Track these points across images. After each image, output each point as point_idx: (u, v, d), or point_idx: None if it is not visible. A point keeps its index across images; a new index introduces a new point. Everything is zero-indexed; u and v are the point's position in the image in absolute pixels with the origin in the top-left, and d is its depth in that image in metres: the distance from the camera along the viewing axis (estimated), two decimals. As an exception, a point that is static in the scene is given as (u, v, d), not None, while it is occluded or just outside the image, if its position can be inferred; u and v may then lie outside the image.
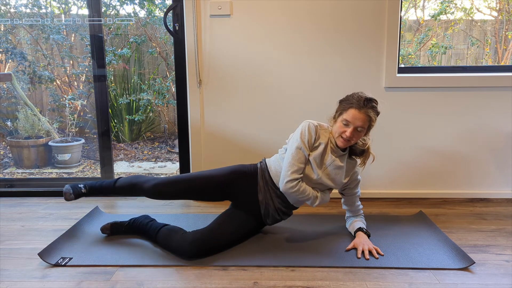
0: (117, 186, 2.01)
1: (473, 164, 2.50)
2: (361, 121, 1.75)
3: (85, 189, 2.01)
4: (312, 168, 1.81)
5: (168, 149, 4.19)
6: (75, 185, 2.01)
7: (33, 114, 3.63)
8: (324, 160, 1.82)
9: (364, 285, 1.55)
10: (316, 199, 1.82)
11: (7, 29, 3.73)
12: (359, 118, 1.74)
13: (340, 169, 1.84)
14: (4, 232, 2.05)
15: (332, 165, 1.82)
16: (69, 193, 1.98)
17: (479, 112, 2.44)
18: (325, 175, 1.82)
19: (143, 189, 1.95)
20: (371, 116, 1.76)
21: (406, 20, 3.93)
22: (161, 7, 4.07)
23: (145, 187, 1.94)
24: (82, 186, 2.01)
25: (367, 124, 1.78)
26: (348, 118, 1.75)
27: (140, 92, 4.13)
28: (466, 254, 1.75)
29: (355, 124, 1.75)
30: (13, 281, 1.58)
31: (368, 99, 1.76)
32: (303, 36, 2.38)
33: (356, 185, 1.94)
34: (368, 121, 1.77)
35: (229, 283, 1.57)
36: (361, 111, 1.74)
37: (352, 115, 1.74)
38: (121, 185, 2.01)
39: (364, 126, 1.77)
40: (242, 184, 1.90)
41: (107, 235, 1.97)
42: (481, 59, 3.90)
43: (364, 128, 1.78)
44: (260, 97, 2.45)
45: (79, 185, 2.02)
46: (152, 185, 1.93)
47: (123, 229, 1.98)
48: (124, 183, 2.01)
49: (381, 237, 1.95)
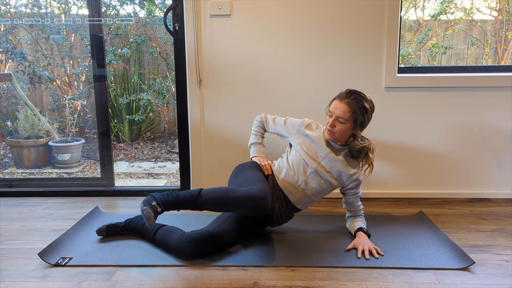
0: (203, 200, 1.72)
1: (473, 164, 2.50)
2: (341, 110, 1.81)
3: (159, 207, 1.70)
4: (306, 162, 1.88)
5: (168, 149, 4.19)
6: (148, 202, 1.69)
7: (33, 114, 3.63)
8: (319, 152, 1.89)
9: (364, 285, 1.55)
10: (252, 143, 2.09)
11: (7, 29, 3.73)
12: (339, 108, 1.82)
13: (336, 161, 1.88)
14: (4, 232, 2.05)
15: (327, 157, 1.88)
16: (152, 217, 1.65)
17: (479, 112, 2.44)
18: (320, 167, 1.88)
19: (247, 206, 1.68)
20: (352, 107, 1.80)
21: (406, 20, 3.93)
22: (161, 7, 4.07)
23: (250, 205, 1.67)
24: (155, 203, 1.69)
25: (347, 115, 1.81)
26: (330, 109, 1.86)
27: (140, 92, 4.13)
28: (466, 254, 1.75)
29: (335, 114, 1.82)
30: (13, 281, 1.58)
31: (352, 91, 1.84)
32: (303, 36, 2.38)
33: (357, 185, 1.94)
34: (349, 112, 1.80)
35: (229, 283, 1.57)
36: (341, 101, 1.83)
37: (333, 105, 1.85)
38: (207, 200, 1.73)
39: (344, 116, 1.81)
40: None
41: (102, 237, 1.95)
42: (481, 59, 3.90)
43: (345, 120, 1.81)
44: (260, 97, 2.45)
45: (152, 202, 1.69)
46: (260, 199, 1.66)
47: (119, 230, 1.96)
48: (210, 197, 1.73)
49: (381, 237, 1.95)
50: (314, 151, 1.90)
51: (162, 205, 1.70)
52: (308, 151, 1.90)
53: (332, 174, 1.88)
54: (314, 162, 1.88)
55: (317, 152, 1.89)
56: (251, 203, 1.66)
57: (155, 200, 1.70)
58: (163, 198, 1.71)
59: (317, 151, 1.89)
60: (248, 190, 1.69)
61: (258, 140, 2.10)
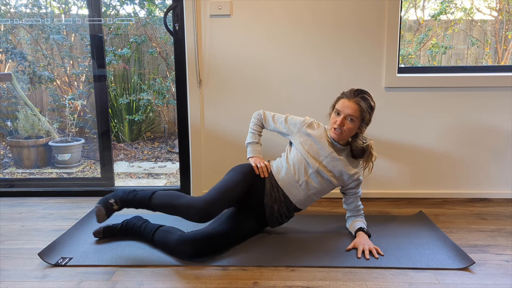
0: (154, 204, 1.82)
1: (473, 164, 2.50)
2: (350, 109, 1.80)
3: (116, 204, 1.81)
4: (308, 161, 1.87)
5: (168, 149, 4.19)
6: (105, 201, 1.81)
7: (33, 114, 3.63)
8: (320, 152, 1.87)
9: (364, 285, 1.55)
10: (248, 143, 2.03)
11: (7, 29, 3.73)
12: (349, 106, 1.80)
13: (338, 161, 1.87)
14: (4, 232, 2.05)
15: (329, 157, 1.87)
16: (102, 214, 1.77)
17: (479, 112, 2.44)
18: (322, 167, 1.86)
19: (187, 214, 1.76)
20: (361, 105, 1.80)
21: (406, 20, 3.93)
22: (161, 7, 4.07)
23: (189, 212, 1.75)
24: (113, 201, 1.81)
25: (357, 114, 1.80)
26: (339, 107, 1.83)
27: (140, 92, 4.13)
28: (466, 254, 1.75)
29: (344, 113, 1.80)
30: (13, 281, 1.58)
31: (359, 90, 1.83)
32: (303, 36, 2.38)
33: (357, 185, 1.94)
34: (359, 111, 1.80)
35: (229, 283, 1.57)
36: (350, 100, 1.81)
37: (342, 103, 1.83)
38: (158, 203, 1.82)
39: (355, 115, 1.80)
40: (253, 187, 1.92)
41: (99, 238, 1.93)
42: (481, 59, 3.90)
43: (355, 118, 1.81)
44: (260, 97, 2.45)
45: (110, 200, 1.81)
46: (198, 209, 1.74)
47: (116, 231, 1.95)
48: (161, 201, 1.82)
49: (381, 237, 1.95)
50: (316, 150, 1.88)
51: (120, 203, 1.81)
52: (310, 150, 1.88)
53: (333, 173, 1.88)
54: (316, 162, 1.87)
55: (319, 152, 1.88)
56: (191, 211, 1.74)
57: (113, 198, 1.81)
58: (122, 197, 1.83)
59: (319, 151, 1.88)
60: (193, 199, 1.78)
61: (255, 139, 2.04)
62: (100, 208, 1.77)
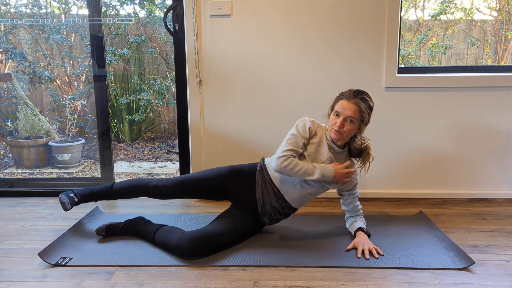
0: (115, 190, 2.03)
1: (473, 164, 2.50)
2: (350, 110, 1.78)
3: (77, 198, 2.02)
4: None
5: (168, 149, 4.19)
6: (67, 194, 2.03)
7: (33, 114, 3.63)
8: (320, 156, 1.85)
9: (364, 285, 1.55)
10: (314, 169, 1.78)
11: (7, 29, 3.73)
12: (348, 108, 1.78)
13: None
14: (4, 232, 2.05)
15: (329, 160, 1.85)
16: (66, 203, 1.99)
17: (479, 112, 2.44)
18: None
19: (145, 190, 2.00)
20: (361, 107, 1.79)
21: (406, 20, 3.93)
22: (161, 7, 4.07)
23: (147, 188, 1.99)
24: (73, 195, 2.02)
25: (357, 115, 1.79)
26: (338, 109, 1.81)
27: (140, 92, 4.14)
28: (466, 254, 1.75)
29: (344, 114, 1.79)
30: (13, 281, 1.58)
31: (358, 91, 1.82)
32: (303, 36, 2.38)
33: (354, 186, 1.94)
34: (359, 112, 1.79)
35: (229, 283, 1.57)
36: (350, 101, 1.79)
37: (342, 105, 1.80)
38: (119, 188, 2.03)
39: (355, 116, 1.79)
40: (241, 182, 1.92)
41: (102, 236, 1.95)
42: (481, 59, 3.90)
43: (355, 120, 1.79)
44: (260, 97, 2.45)
45: (70, 194, 2.02)
46: (153, 185, 1.98)
47: (118, 230, 1.96)
48: (123, 186, 2.03)
49: (381, 237, 1.95)
50: (315, 156, 1.85)
51: (79, 196, 2.02)
52: (309, 156, 1.85)
53: None
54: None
55: (317, 157, 1.85)
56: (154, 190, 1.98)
57: (73, 193, 2.03)
58: (80, 192, 2.04)
59: (318, 156, 1.86)
60: (154, 180, 2.02)
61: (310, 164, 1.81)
62: (64, 198, 1.99)
